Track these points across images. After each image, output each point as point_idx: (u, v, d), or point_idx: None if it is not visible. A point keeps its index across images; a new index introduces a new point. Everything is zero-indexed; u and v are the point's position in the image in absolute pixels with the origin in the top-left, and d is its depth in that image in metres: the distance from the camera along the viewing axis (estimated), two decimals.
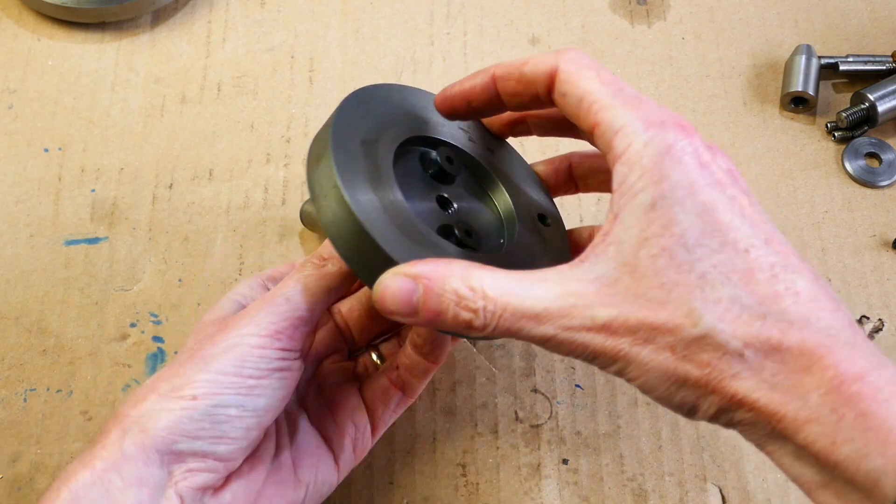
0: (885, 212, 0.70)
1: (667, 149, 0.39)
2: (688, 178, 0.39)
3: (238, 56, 0.75)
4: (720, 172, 0.40)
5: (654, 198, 0.39)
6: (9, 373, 0.62)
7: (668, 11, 0.79)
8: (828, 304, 0.39)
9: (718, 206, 0.39)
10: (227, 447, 0.46)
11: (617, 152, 0.41)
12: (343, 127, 0.46)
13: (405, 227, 0.45)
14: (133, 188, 0.69)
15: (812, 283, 0.39)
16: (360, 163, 0.45)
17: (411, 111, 0.51)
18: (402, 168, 0.50)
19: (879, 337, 0.65)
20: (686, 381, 0.39)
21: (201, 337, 0.48)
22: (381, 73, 0.75)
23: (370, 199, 0.44)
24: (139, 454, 0.44)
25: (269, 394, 0.46)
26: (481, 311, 0.40)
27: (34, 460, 0.59)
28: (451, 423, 0.62)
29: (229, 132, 0.72)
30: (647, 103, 0.41)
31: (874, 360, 0.37)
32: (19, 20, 0.76)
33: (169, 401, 0.45)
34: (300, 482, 0.50)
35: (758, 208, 0.41)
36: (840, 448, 0.36)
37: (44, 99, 0.73)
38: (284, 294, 0.48)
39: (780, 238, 0.40)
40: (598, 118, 0.41)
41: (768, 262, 0.39)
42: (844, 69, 0.75)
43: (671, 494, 0.60)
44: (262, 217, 0.68)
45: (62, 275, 0.66)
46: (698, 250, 0.38)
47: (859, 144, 0.72)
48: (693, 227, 0.39)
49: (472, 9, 0.78)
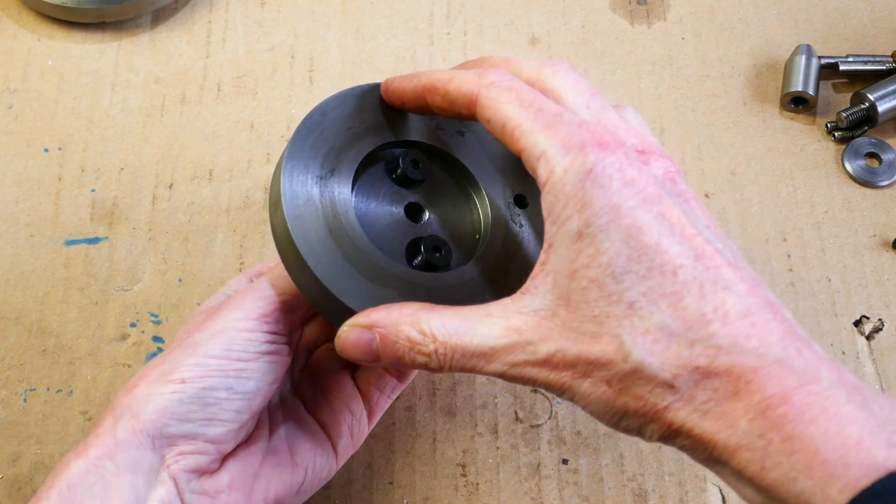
0: (885, 212, 0.70)
1: (586, 173, 0.39)
2: (610, 201, 0.39)
3: (238, 56, 0.75)
4: (649, 186, 0.40)
5: (579, 227, 0.39)
6: (9, 373, 0.62)
7: (668, 11, 0.79)
8: (760, 318, 0.38)
9: (644, 228, 0.39)
10: (217, 429, 0.46)
11: (542, 179, 0.40)
12: (295, 167, 0.47)
13: (365, 267, 0.46)
14: (133, 188, 0.69)
15: (745, 295, 0.38)
16: (316, 207, 0.47)
17: (368, 117, 0.51)
18: (368, 182, 0.51)
19: (879, 337, 0.65)
20: (626, 412, 0.40)
21: (191, 327, 0.49)
22: (382, 73, 0.75)
23: (327, 247, 0.46)
24: (131, 439, 0.44)
25: (257, 377, 0.47)
26: (433, 355, 0.42)
27: (34, 460, 0.59)
28: (451, 423, 0.62)
29: (229, 132, 0.72)
30: (567, 124, 0.41)
31: (804, 374, 0.36)
32: (19, 20, 0.76)
33: (159, 385, 0.46)
34: (298, 466, 0.51)
35: (692, 215, 0.40)
36: (769, 472, 0.36)
37: (44, 99, 0.73)
38: (269, 280, 0.49)
39: (714, 247, 0.40)
40: (520, 144, 0.41)
41: (697, 281, 0.38)
42: (844, 69, 0.75)
43: (671, 494, 0.60)
44: (262, 217, 0.68)
45: (62, 275, 0.66)
46: (626, 278, 0.38)
47: (859, 144, 0.72)
48: (620, 255, 0.38)
49: (472, 9, 0.78)
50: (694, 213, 0.41)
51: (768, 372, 0.36)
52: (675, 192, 0.42)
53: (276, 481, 0.49)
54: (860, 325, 0.66)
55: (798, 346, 0.38)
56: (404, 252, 0.50)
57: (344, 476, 0.59)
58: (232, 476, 0.47)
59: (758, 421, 0.36)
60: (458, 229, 0.52)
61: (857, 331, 0.65)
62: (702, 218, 0.41)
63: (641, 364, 0.38)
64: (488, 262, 0.50)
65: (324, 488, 0.58)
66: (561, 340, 0.40)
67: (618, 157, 0.40)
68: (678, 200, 0.41)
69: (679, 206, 0.40)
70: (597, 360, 0.39)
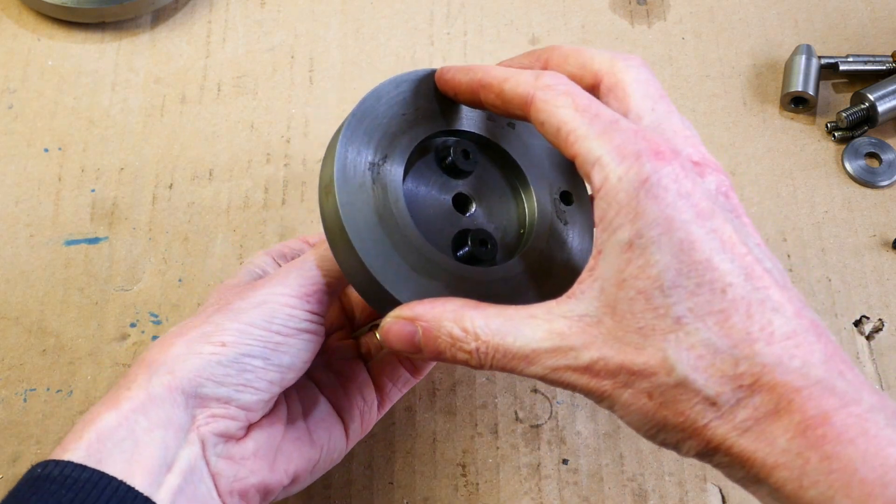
0: (885, 212, 0.70)
1: (641, 182, 0.39)
2: (664, 213, 0.38)
3: (238, 56, 0.75)
4: (703, 200, 0.39)
5: (630, 237, 0.39)
6: (9, 373, 0.62)
7: (668, 11, 0.79)
8: (804, 339, 0.38)
9: (696, 243, 0.38)
10: (249, 397, 0.47)
11: (595, 186, 0.40)
12: (349, 151, 0.47)
13: (412, 258, 0.46)
14: (133, 188, 0.69)
15: (791, 317, 0.38)
16: (368, 194, 0.47)
17: (422, 103, 0.50)
18: (418, 170, 0.51)
19: (879, 337, 0.65)
20: (665, 425, 0.40)
21: (227, 295, 0.50)
22: (382, 73, 0.75)
23: (376, 236, 0.46)
24: (166, 395, 0.45)
25: (293, 353, 0.48)
26: (475, 353, 0.42)
27: (34, 460, 0.59)
28: (451, 423, 0.62)
29: (229, 132, 0.72)
30: (623, 132, 0.40)
31: (845, 396, 0.37)
32: (19, 20, 0.76)
33: (198, 345, 0.46)
34: (315, 443, 0.52)
35: (744, 232, 0.40)
36: (807, 491, 0.36)
37: (44, 99, 0.73)
38: (313, 262, 0.50)
39: (764, 267, 0.39)
40: (574, 150, 0.41)
41: (745, 300, 0.38)
42: (844, 69, 0.75)
43: (671, 494, 0.60)
44: (262, 217, 0.68)
45: (62, 275, 0.66)
46: (674, 293, 0.38)
47: (859, 144, 0.72)
48: (669, 268, 0.38)
49: (472, 9, 0.78)
50: (745, 231, 0.41)
51: (810, 392, 0.37)
52: (728, 208, 0.42)
53: (297, 455, 0.50)
54: (860, 325, 0.66)
55: (840, 369, 0.38)
56: (450, 243, 0.50)
57: (344, 476, 0.59)
58: (258, 444, 0.48)
59: (797, 440, 0.36)
60: (504, 223, 0.52)
61: (857, 331, 0.65)
62: (752, 235, 0.41)
63: (686, 379, 0.38)
64: (532, 258, 0.50)
65: (324, 488, 0.58)
66: (604, 349, 0.40)
67: (673, 168, 0.39)
68: (730, 216, 0.41)
69: (731, 223, 0.40)
70: (640, 372, 0.39)
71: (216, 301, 0.50)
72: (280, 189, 0.70)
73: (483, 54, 0.76)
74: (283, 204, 0.69)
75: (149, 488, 0.42)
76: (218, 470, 0.46)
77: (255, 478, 0.48)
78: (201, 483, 0.45)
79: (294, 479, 0.50)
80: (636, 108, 0.43)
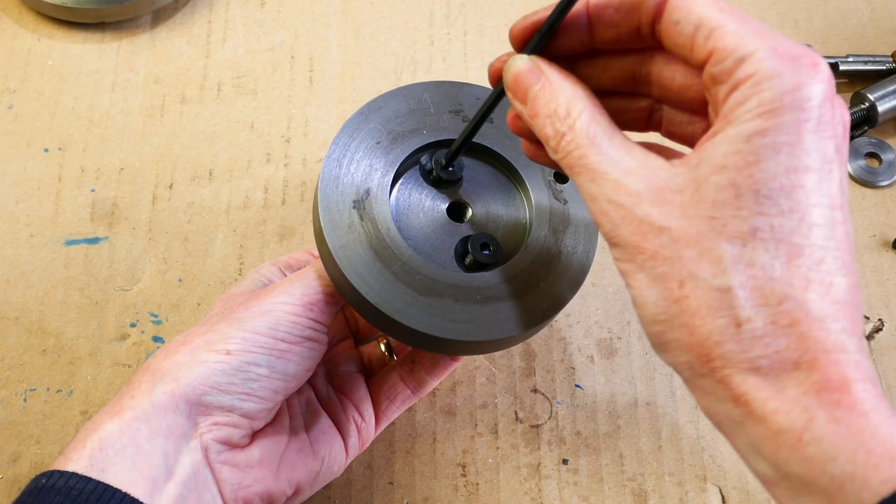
0: (885, 212, 0.70)
1: (794, 88, 0.36)
2: (798, 129, 0.36)
3: (238, 56, 0.75)
4: (831, 139, 0.37)
5: (757, 131, 0.36)
6: (9, 373, 0.62)
7: None
8: (851, 312, 0.37)
9: (811, 172, 0.37)
10: (253, 405, 0.47)
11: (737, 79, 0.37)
12: (331, 195, 0.49)
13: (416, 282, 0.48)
14: (133, 188, 0.69)
15: (849, 288, 0.37)
16: (359, 233, 0.48)
17: (393, 126, 0.51)
18: (407, 191, 0.51)
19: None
20: (675, 320, 0.38)
21: (232, 304, 0.50)
22: (381, 73, 0.75)
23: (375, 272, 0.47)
24: (169, 403, 0.45)
25: (297, 360, 0.48)
26: (560, 137, 0.41)
27: (34, 460, 0.59)
28: (451, 423, 0.62)
29: (229, 132, 0.72)
30: (776, 35, 0.38)
31: (868, 374, 0.36)
32: (19, 20, 0.76)
33: (203, 353, 0.46)
34: (317, 455, 0.52)
35: (845, 187, 0.39)
36: (807, 447, 0.35)
37: (44, 99, 0.73)
38: (316, 272, 0.50)
39: (847, 230, 0.38)
40: (718, 44, 0.38)
41: (822, 249, 0.37)
42: (844, 69, 0.75)
43: (671, 494, 0.60)
44: (262, 217, 0.68)
45: (62, 275, 0.66)
46: (766, 203, 0.36)
47: (859, 144, 0.72)
48: (775, 178, 0.36)
49: (472, 9, 0.78)
50: (845, 185, 0.39)
51: (837, 358, 0.36)
52: (843, 151, 0.39)
53: (300, 466, 0.50)
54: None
55: (866, 354, 0.37)
56: (453, 254, 0.50)
57: (344, 476, 0.59)
58: (262, 453, 0.48)
59: (808, 396, 0.35)
60: (504, 219, 0.52)
61: None
62: (846, 192, 0.40)
63: (729, 289, 0.36)
64: (537, 247, 0.51)
65: (324, 489, 0.58)
66: (667, 216, 0.38)
67: (825, 88, 0.37)
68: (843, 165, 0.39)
69: (842, 175, 0.38)
70: (687, 257, 0.37)
71: (221, 310, 0.50)
72: (280, 189, 0.70)
73: (483, 54, 0.76)
74: (283, 204, 0.69)
75: (149, 497, 0.43)
76: (223, 477, 0.46)
77: (259, 486, 0.48)
78: (205, 490, 0.45)
79: (296, 489, 0.50)
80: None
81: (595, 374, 0.63)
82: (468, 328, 0.47)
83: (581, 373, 0.63)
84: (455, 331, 0.47)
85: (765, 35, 0.38)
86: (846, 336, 0.36)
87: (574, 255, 0.51)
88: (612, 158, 0.40)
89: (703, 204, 0.37)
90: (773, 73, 0.37)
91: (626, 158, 0.40)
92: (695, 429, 0.62)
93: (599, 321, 0.65)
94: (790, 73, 0.37)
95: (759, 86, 0.37)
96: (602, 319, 0.65)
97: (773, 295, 0.36)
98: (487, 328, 0.48)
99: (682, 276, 0.37)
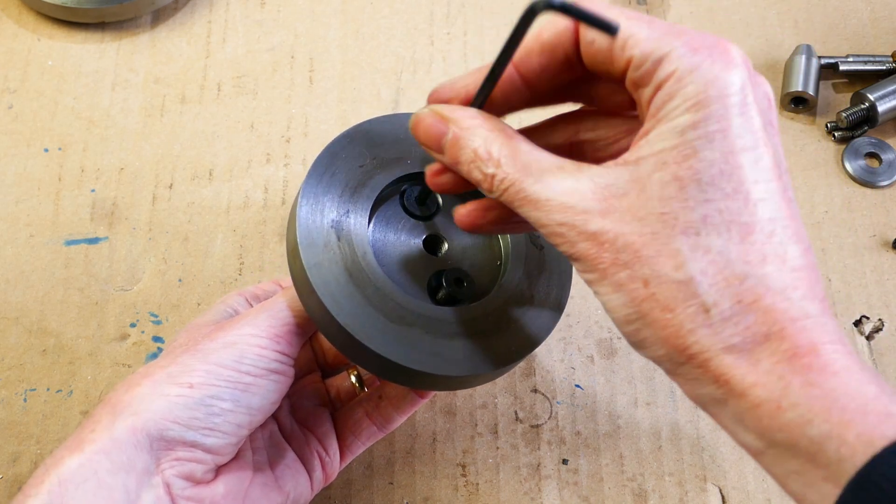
0: (885, 212, 0.70)
1: (714, 78, 0.38)
2: (726, 115, 0.38)
3: (238, 56, 0.75)
4: (759, 114, 0.39)
5: (688, 124, 0.38)
6: (9, 373, 0.62)
7: (668, 11, 0.79)
8: (809, 276, 0.38)
9: (746, 152, 0.38)
10: (216, 440, 0.46)
11: (659, 79, 0.39)
12: (310, 212, 0.47)
13: (387, 309, 0.47)
14: (133, 188, 0.69)
15: (803, 253, 0.39)
16: (335, 252, 0.47)
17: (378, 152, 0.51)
18: (385, 218, 0.51)
19: (879, 337, 0.65)
20: (647, 318, 0.39)
21: (196, 335, 0.49)
22: (381, 73, 0.75)
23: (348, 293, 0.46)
24: (129, 437, 0.44)
25: (262, 394, 0.47)
26: (490, 179, 0.41)
27: (34, 460, 0.59)
28: (451, 423, 0.62)
29: (229, 132, 0.72)
30: (688, 32, 0.39)
31: (834, 335, 0.37)
32: (19, 20, 0.76)
33: (165, 386, 0.45)
34: (282, 489, 0.51)
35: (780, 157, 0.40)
36: (785, 413, 0.36)
37: (44, 99, 0.73)
38: (284, 303, 0.49)
39: (790, 196, 0.40)
40: (634, 51, 0.39)
41: (772, 222, 0.38)
42: (844, 69, 0.75)
43: (671, 494, 0.60)
44: (262, 217, 0.68)
45: (62, 275, 0.66)
46: (710, 190, 0.38)
47: (859, 144, 0.72)
48: (714, 165, 0.38)
49: (472, 9, 0.78)
50: (781, 155, 0.41)
51: (804, 325, 0.37)
52: (773, 123, 0.41)
53: (265, 501, 0.49)
54: (860, 325, 0.66)
55: (830, 313, 0.38)
56: (426, 286, 0.50)
57: (344, 476, 0.59)
58: (227, 488, 0.47)
59: (782, 365, 0.36)
60: (479, 255, 0.52)
61: (857, 331, 0.65)
62: (783, 162, 0.41)
63: (692, 279, 0.38)
64: (510, 289, 0.50)
65: (324, 489, 0.58)
66: (619, 223, 0.39)
67: (741, 74, 0.38)
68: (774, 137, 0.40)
69: (775, 147, 0.40)
70: (646, 257, 0.38)
71: (185, 341, 0.49)
72: (280, 189, 0.70)
73: (483, 54, 0.76)
74: (282, 204, 0.69)
75: None
76: None
77: None
78: None
79: None
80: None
81: (595, 374, 0.63)
82: (436, 362, 0.46)
83: (581, 373, 0.63)
84: (424, 363, 0.46)
85: (676, 33, 0.39)
86: (808, 302, 0.38)
87: (547, 301, 0.51)
88: (548, 184, 0.40)
89: (651, 202, 0.38)
90: (691, 67, 0.38)
91: (562, 178, 0.40)
92: (695, 429, 0.62)
93: (599, 321, 0.65)
94: (708, 64, 0.38)
95: (681, 81, 0.38)
96: (602, 319, 0.65)
97: (734, 276, 0.38)
98: (456, 364, 0.47)
99: (646, 276, 0.38)
